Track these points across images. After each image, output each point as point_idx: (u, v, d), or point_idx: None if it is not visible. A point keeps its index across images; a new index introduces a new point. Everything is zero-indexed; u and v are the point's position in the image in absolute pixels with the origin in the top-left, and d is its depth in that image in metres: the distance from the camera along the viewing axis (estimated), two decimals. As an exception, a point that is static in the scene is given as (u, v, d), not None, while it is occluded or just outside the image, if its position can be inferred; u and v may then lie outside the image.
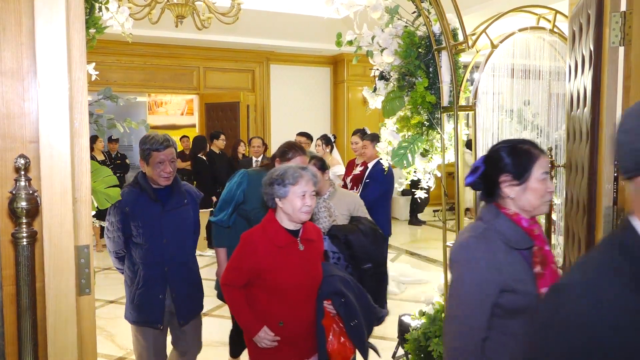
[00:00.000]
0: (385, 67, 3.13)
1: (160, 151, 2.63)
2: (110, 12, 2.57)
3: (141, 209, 2.67)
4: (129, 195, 2.67)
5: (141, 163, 2.71)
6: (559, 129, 3.11)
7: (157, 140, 2.66)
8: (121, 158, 8.60)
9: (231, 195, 2.92)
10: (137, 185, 2.71)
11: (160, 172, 2.63)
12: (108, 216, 2.75)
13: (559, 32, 3.04)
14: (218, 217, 3.00)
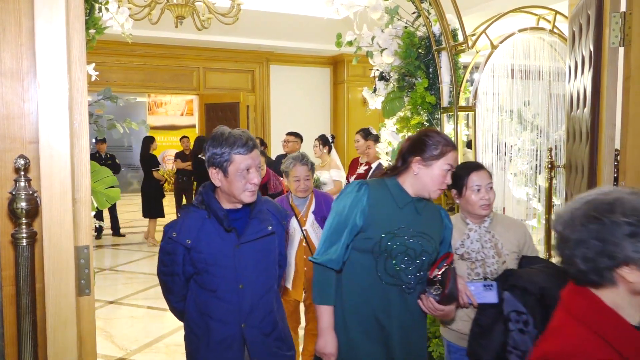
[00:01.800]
0: (385, 67, 3.13)
1: (246, 154, 1.85)
2: (110, 12, 2.57)
3: (208, 241, 1.91)
4: (191, 221, 1.93)
5: (213, 173, 1.90)
6: (558, 130, 3.11)
7: (239, 139, 1.85)
8: (111, 158, 8.60)
9: (343, 219, 1.91)
10: (202, 206, 1.95)
11: (245, 184, 1.86)
12: (161, 252, 1.99)
13: (558, 33, 3.04)
14: (325, 255, 1.92)
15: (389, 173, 2.00)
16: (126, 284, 5.82)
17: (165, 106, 16.22)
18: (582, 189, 2.03)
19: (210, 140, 1.88)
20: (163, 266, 1.98)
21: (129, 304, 5.11)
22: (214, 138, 1.89)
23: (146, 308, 5.00)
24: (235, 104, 9.14)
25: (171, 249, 1.93)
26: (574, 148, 2.23)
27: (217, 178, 1.89)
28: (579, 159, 2.11)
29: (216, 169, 1.88)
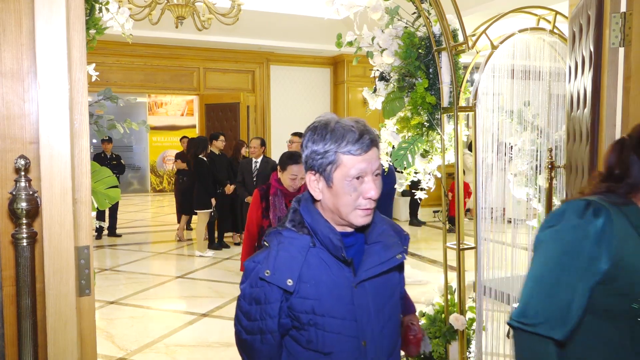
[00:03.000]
0: (385, 67, 3.13)
1: (359, 154, 1.30)
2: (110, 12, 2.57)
3: (317, 280, 1.34)
4: (290, 252, 1.35)
5: (312, 181, 1.35)
6: (559, 130, 3.11)
7: (350, 131, 1.30)
8: (116, 159, 8.60)
9: (573, 259, 1.22)
10: (303, 229, 1.37)
11: (357, 198, 1.32)
12: (244, 301, 1.40)
13: (559, 33, 3.04)
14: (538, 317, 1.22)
15: (613, 187, 1.29)
16: (126, 284, 5.82)
17: (165, 106, 16.23)
18: (583, 189, 2.03)
19: (310, 133, 1.33)
20: (247, 320, 1.38)
21: (129, 304, 5.11)
22: (315, 129, 1.32)
23: (146, 308, 5.00)
24: (236, 104, 9.15)
25: (262, 294, 1.34)
26: (574, 148, 2.23)
27: (317, 188, 1.34)
28: (579, 159, 2.11)
29: (315, 174, 1.33)
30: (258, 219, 3.27)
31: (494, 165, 3.06)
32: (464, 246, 2.92)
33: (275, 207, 3.18)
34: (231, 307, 5.00)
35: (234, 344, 1.50)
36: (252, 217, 3.31)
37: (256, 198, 3.31)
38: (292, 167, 3.14)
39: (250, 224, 3.31)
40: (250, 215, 3.33)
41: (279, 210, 3.17)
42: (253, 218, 3.30)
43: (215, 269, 6.54)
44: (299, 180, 3.18)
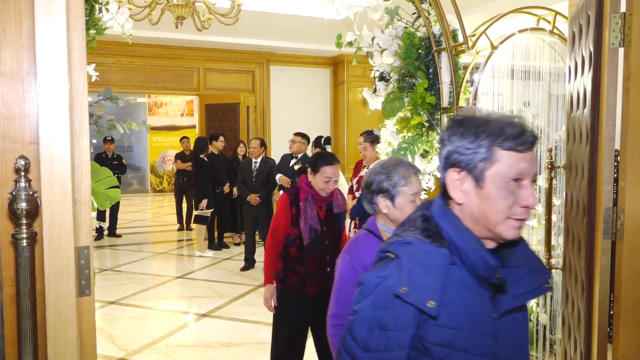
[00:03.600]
0: (385, 68, 3.13)
1: (522, 151, 1.07)
2: (110, 13, 2.57)
3: (456, 305, 1.09)
4: (429, 267, 1.08)
5: (453, 180, 1.12)
6: (558, 130, 3.11)
7: (509, 126, 1.07)
8: (118, 159, 8.60)
9: None
10: (441, 241, 1.12)
11: (513, 206, 1.07)
12: (364, 323, 1.10)
13: (558, 33, 3.04)
14: None
15: None
16: (126, 285, 5.82)
17: (165, 107, 16.23)
18: (582, 189, 2.03)
19: (455, 126, 1.11)
20: (364, 351, 1.09)
21: (129, 305, 5.11)
22: (462, 122, 1.10)
23: (146, 308, 5.00)
24: (236, 104, 9.14)
25: (392, 318, 1.06)
26: (574, 148, 2.23)
27: (460, 189, 1.10)
28: (579, 159, 2.11)
29: (461, 171, 1.09)
30: (286, 227, 2.90)
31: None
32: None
33: (306, 215, 2.83)
34: (231, 307, 5.00)
35: (234, 344, 1.50)
36: (279, 225, 2.94)
37: (285, 203, 2.92)
38: (325, 169, 2.81)
39: (276, 231, 2.94)
40: (277, 222, 2.95)
41: (310, 218, 2.84)
42: (280, 225, 2.93)
43: (215, 269, 6.54)
44: (333, 183, 2.86)
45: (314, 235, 2.82)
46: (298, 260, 2.86)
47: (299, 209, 2.86)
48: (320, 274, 2.86)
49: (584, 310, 1.97)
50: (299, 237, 2.85)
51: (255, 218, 6.31)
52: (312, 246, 2.83)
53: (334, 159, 2.85)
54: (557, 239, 3.11)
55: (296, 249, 2.87)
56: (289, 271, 2.90)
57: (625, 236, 1.76)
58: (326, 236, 2.89)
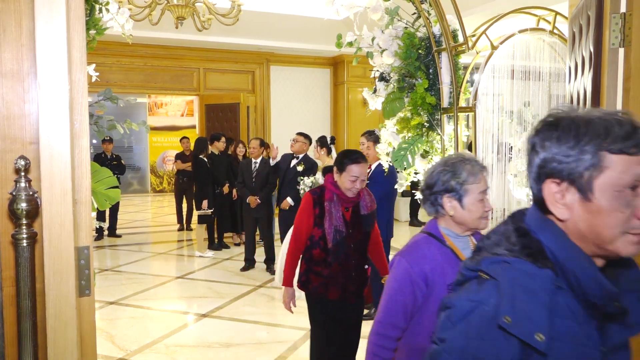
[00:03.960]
0: (385, 68, 3.13)
1: (636, 153, 0.89)
2: (110, 13, 2.58)
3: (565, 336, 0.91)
4: (534, 292, 0.90)
5: (553, 192, 0.94)
6: (559, 130, 3.11)
7: (617, 125, 0.89)
8: (117, 159, 8.55)
9: None
10: (544, 261, 0.94)
11: (629, 218, 0.90)
12: (446, 354, 0.95)
13: (558, 34, 3.04)
14: None
15: None
16: (126, 285, 5.82)
17: (165, 107, 16.24)
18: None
19: (546, 129, 0.94)
20: None
21: (129, 305, 5.11)
22: (556, 124, 0.93)
23: (146, 309, 5.00)
24: (236, 104, 9.15)
25: (491, 351, 0.91)
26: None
27: (561, 203, 0.94)
28: (579, 159, 2.11)
29: (561, 183, 0.93)
30: (309, 228, 2.79)
31: (494, 165, 3.06)
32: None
33: (331, 215, 2.71)
34: (231, 307, 5.00)
35: (234, 345, 1.50)
36: (301, 225, 2.82)
37: (308, 203, 2.80)
38: (352, 168, 2.67)
39: (299, 232, 2.82)
40: (300, 222, 2.82)
41: (336, 219, 2.71)
42: (303, 226, 2.81)
43: (215, 269, 6.54)
44: (360, 182, 2.71)
45: (339, 238, 2.69)
46: (322, 263, 2.76)
47: (323, 209, 2.73)
48: (345, 278, 2.76)
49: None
50: (323, 239, 2.73)
51: (255, 219, 6.31)
52: (336, 249, 2.71)
53: (362, 157, 2.71)
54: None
55: (320, 250, 2.76)
56: (311, 274, 2.80)
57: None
58: (352, 239, 2.76)
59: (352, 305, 2.85)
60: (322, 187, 2.82)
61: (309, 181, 5.45)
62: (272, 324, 4.56)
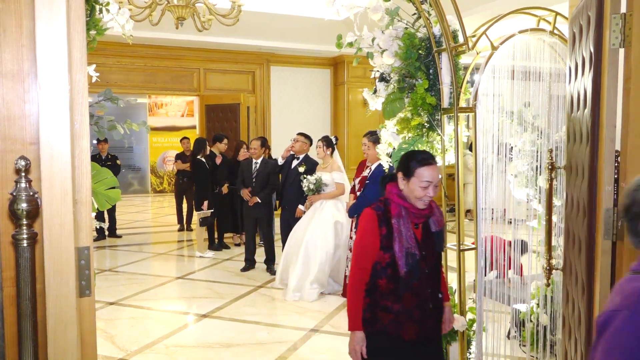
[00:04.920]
0: (386, 68, 3.13)
1: None
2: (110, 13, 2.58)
3: None
4: None
5: None
6: (559, 131, 3.11)
7: None
8: (112, 159, 8.40)
9: None
10: None
11: None
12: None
13: (559, 34, 3.04)
14: None
15: None
16: (127, 285, 5.82)
17: (165, 107, 16.23)
18: (583, 190, 2.03)
19: None
20: None
21: (129, 305, 5.11)
22: None
23: (146, 309, 5.00)
24: (236, 105, 9.15)
25: None
26: (575, 149, 2.23)
27: None
28: (580, 160, 2.11)
29: None
30: (374, 252, 2.22)
31: (494, 166, 3.06)
32: (464, 247, 2.92)
33: (401, 235, 2.18)
34: (231, 308, 5.00)
35: (234, 345, 1.50)
36: (365, 249, 2.26)
37: (371, 222, 2.25)
38: (422, 172, 2.18)
39: (363, 258, 2.26)
40: (363, 246, 2.27)
41: (407, 239, 2.18)
42: (367, 250, 2.25)
43: (215, 269, 6.54)
44: (433, 189, 2.20)
45: (412, 262, 2.18)
46: (390, 295, 2.21)
47: (390, 229, 2.20)
48: (421, 311, 2.24)
49: (585, 311, 1.97)
50: (391, 266, 2.20)
51: (256, 219, 6.31)
52: (410, 276, 2.19)
53: (431, 157, 2.24)
54: (558, 239, 3.11)
55: (387, 280, 2.21)
56: (378, 310, 2.23)
57: (625, 237, 1.76)
58: (426, 263, 2.25)
59: (432, 347, 2.33)
60: (386, 200, 2.29)
61: (313, 178, 5.45)
62: (273, 324, 4.56)
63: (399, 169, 2.29)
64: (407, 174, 2.23)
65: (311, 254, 5.27)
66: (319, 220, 5.36)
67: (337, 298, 5.26)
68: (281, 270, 5.61)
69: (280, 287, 5.59)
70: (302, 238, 5.34)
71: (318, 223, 5.34)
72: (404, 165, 2.26)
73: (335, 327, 4.48)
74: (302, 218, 5.57)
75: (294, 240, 5.46)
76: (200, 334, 4.34)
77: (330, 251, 5.27)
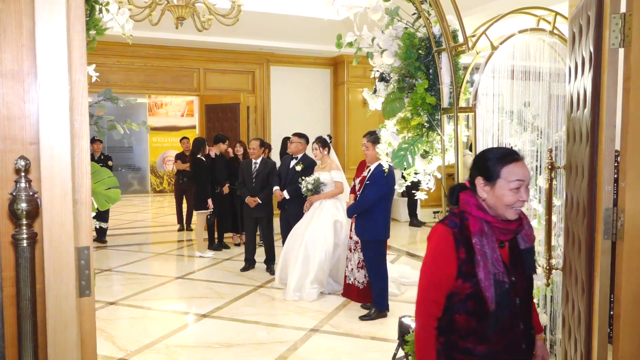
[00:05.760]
0: (385, 68, 3.13)
1: None
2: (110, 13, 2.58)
3: None
4: None
5: None
6: (559, 131, 3.11)
7: None
8: (104, 160, 8.15)
9: None
10: None
11: None
12: None
13: (558, 34, 3.04)
14: None
15: None
16: (126, 285, 5.82)
17: (165, 107, 16.24)
18: (583, 189, 2.03)
19: None
20: None
21: (129, 305, 5.11)
22: None
23: (146, 309, 5.00)
24: (236, 105, 9.15)
25: None
26: (574, 149, 2.23)
27: None
28: (579, 160, 2.11)
29: None
30: (450, 281, 1.78)
31: (494, 165, 3.05)
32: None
33: (486, 258, 1.73)
34: (231, 307, 5.00)
35: (234, 345, 1.50)
36: (436, 278, 1.81)
37: (445, 242, 1.79)
38: (511, 170, 1.75)
39: (434, 289, 1.82)
40: (433, 272, 1.82)
41: (493, 264, 1.73)
42: (440, 279, 1.80)
43: (215, 269, 6.54)
44: (525, 191, 1.76)
45: (501, 292, 1.73)
46: (472, 335, 1.78)
47: (470, 251, 1.75)
48: (512, 354, 1.79)
49: (584, 311, 1.97)
50: (473, 298, 1.76)
51: (255, 219, 6.31)
52: (499, 311, 1.74)
53: (516, 152, 1.82)
54: (557, 239, 3.11)
55: (467, 316, 1.78)
56: (456, 353, 1.80)
57: (625, 237, 1.76)
58: (516, 291, 1.80)
59: None
60: (461, 214, 1.83)
61: (311, 179, 5.44)
62: (272, 324, 4.56)
63: (475, 174, 1.84)
64: (489, 177, 1.78)
65: (311, 254, 5.27)
66: (319, 220, 5.36)
67: (337, 298, 5.26)
68: (280, 270, 5.61)
69: (280, 286, 5.59)
70: (302, 238, 5.35)
71: (317, 222, 5.35)
72: (482, 167, 1.82)
73: (335, 327, 4.48)
74: (302, 218, 5.57)
75: (293, 240, 5.47)
76: (200, 334, 4.34)
77: (329, 250, 5.27)
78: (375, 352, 3.96)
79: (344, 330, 4.40)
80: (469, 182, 1.88)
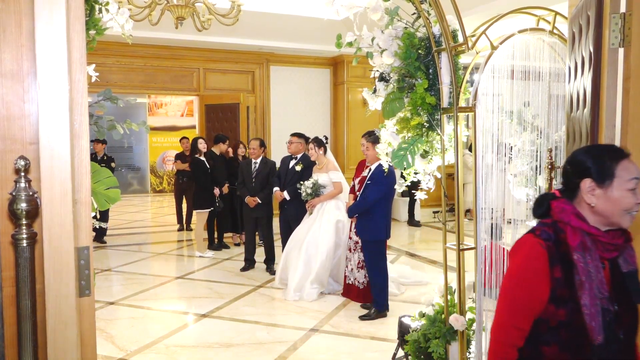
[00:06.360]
0: (385, 68, 3.13)
1: None
2: (110, 13, 2.57)
3: None
4: None
5: None
6: (558, 130, 3.11)
7: None
8: (107, 161, 8.15)
9: None
10: None
11: None
12: None
13: (558, 34, 3.04)
14: None
15: None
16: (126, 285, 5.82)
17: (165, 107, 16.24)
18: (582, 189, 2.03)
19: None
20: None
21: (129, 305, 5.11)
22: None
23: (146, 309, 5.00)
24: (236, 104, 9.15)
25: None
26: (574, 149, 2.23)
27: None
28: (579, 159, 2.11)
29: None
30: (540, 305, 1.50)
31: (493, 165, 3.06)
32: (463, 247, 2.92)
33: (591, 280, 1.44)
34: (231, 307, 5.00)
35: (234, 345, 1.50)
36: (522, 300, 1.52)
37: (538, 261, 1.51)
38: (626, 166, 1.46)
39: (518, 314, 1.54)
40: (518, 293, 1.53)
41: (598, 287, 1.45)
42: (527, 302, 1.52)
43: (215, 269, 6.54)
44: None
45: (607, 321, 1.45)
46: None
47: (568, 270, 1.47)
48: None
49: None
50: (567, 327, 1.47)
51: (255, 219, 6.31)
52: (607, 345, 1.45)
53: (624, 148, 1.54)
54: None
55: (560, 348, 1.49)
56: None
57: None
58: (620, 323, 1.49)
59: None
60: (555, 225, 1.55)
61: (310, 183, 5.44)
62: (272, 324, 4.56)
63: (577, 177, 1.53)
64: (602, 177, 1.47)
65: (312, 254, 5.27)
66: (321, 221, 5.38)
67: (337, 298, 5.26)
68: (281, 270, 5.61)
69: (280, 286, 5.59)
70: (304, 239, 5.35)
71: (319, 224, 5.36)
72: (588, 167, 1.50)
73: (335, 326, 4.48)
74: (304, 220, 5.58)
75: (295, 241, 5.47)
76: (200, 334, 4.34)
77: (330, 250, 5.28)
78: (375, 352, 3.96)
79: (343, 330, 4.40)
80: (559, 190, 1.60)
